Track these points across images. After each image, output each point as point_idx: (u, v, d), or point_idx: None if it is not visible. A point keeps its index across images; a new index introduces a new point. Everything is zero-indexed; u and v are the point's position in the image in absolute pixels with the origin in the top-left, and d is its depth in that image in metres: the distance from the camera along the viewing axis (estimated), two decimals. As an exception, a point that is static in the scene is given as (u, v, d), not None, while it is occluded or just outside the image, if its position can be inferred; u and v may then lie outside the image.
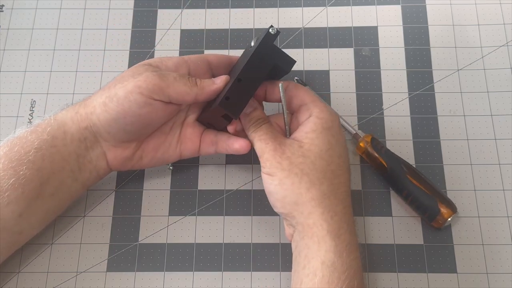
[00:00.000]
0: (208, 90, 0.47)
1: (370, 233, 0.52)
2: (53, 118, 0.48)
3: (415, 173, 0.51)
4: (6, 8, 0.63)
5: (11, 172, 0.45)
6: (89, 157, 0.48)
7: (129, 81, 0.45)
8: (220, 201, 0.54)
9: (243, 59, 0.48)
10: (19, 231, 0.47)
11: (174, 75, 0.46)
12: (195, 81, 0.47)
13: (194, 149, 0.51)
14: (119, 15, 0.62)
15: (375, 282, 0.50)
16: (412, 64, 0.58)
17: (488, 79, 0.57)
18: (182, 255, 0.52)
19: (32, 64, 0.60)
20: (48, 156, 0.46)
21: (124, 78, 0.46)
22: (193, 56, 0.50)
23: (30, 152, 0.45)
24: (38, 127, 0.47)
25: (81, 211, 0.54)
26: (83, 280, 0.51)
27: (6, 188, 0.44)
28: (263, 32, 0.47)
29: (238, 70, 0.47)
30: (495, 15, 0.60)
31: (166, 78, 0.46)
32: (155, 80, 0.45)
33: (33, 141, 0.46)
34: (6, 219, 0.45)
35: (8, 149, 0.46)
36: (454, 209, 0.50)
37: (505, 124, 0.55)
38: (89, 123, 0.47)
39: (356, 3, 0.61)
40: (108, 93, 0.46)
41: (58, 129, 0.47)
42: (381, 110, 0.57)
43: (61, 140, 0.47)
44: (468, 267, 0.51)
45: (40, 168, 0.46)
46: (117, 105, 0.45)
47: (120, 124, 0.46)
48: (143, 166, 0.51)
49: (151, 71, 0.46)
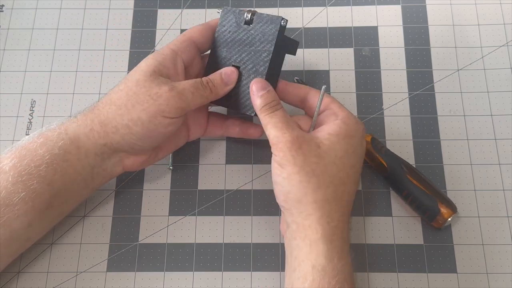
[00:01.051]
0: (223, 92, 0.49)
1: (370, 233, 0.52)
2: (64, 132, 0.47)
3: (415, 173, 0.51)
4: (6, 8, 0.63)
5: (21, 186, 0.44)
6: (105, 166, 0.48)
7: (150, 103, 0.45)
8: (220, 201, 0.54)
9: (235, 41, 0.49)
10: (26, 239, 0.47)
11: (191, 90, 0.47)
12: (209, 88, 0.48)
13: (201, 132, 0.53)
14: (119, 15, 0.62)
15: (375, 282, 0.50)
16: (412, 64, 0.58)
17: (488, 79, 0.57)
18: (182, 255, 0.52)
19: (32, 64, 0.60)
20: (60, 171, 0.46)
21: (141, 99, 0.45)
22: (179, 42, 0.49)
23: (41, 167, 0.45)
24: (48, 140, 0.46)
25: (81, 211, 0.54)
26: (83, 280, 0.51)
27: (16, 202, 0.44)
28: (272, 23, 0.48)
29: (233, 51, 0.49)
30: (495, 15, 0.60)
31: (185, 97, 0.46)
32: (177, 102, 0.46)
33: (43, 155, 0.45)
34: (16, 230, 0.45)
35: (17, 161, 0.45)
36: (454, 209, 0.50)
37: (505, 124, 0.55)
38: (110, 141, 0.47)
39: (356, 3, 0.61)
40: (130, 116, 0.46)
41: (71, 144, 0.46)
42: (381, 110, 0.57)
43: (75, 155, 0.46)
44: (468, 267, 0.51)
45: (51, 182, 0.45)
46: (142, 128, 0.46)
47: (145, 143, 0.48)
48: (157, 161, 0.52)
49: (168, 91, 0.45)
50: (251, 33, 0.49)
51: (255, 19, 0.49)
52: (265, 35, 0.48)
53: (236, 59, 0.49)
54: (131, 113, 0.45)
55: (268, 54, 0.48)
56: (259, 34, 0.48)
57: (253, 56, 0.48)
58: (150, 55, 0.48)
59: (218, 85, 0.48)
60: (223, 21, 0.50)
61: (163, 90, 0.45)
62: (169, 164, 0.55)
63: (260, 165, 0.55)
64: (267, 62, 0.48)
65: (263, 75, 0.48)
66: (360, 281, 0.50)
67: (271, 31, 0.48)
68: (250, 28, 0.49)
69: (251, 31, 0.49)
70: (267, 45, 0.48)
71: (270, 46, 0.48)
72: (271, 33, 0.48)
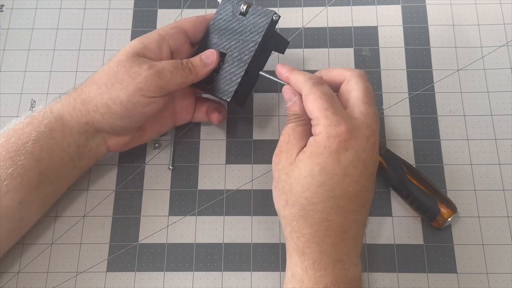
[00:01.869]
0: (202, 73, 0.49)
1: (370, 233, 0.52)
2: (49, 111, 0.48)
3: (415, 173, 0.51)
4: (6, 8, 0.63)
5: (9, 162, 0.45)
6: (89, 146, 0.49)
7: (129, 82, 0.46)
8: (220, 201, 0.54)
9: (227, 29, 0.50)
10: (19, 218, 0.47)
11: (170, 69, 0.47)
12: (188, 68, 0.48)
13: (188, 117, 0.54)
14: (119, 15, 0.62)
15: (375, 282, 0.50)
16: (412, 64, 0.58)
17: (488, 79, 0.57)
18: (182, 255, 0.52)
19: (32, 64, 0.60)
20: (47, 148, 0.47)
21: (120, 78, 0.46)
22: (169, 28, 0.50)
23: (28, 143, 0.46)
24: (33, 119, 0.47)
25: (81, 211, 0.54)
26: (83, 280, 0.51)
27: (4, 177, 0.45)
28: (264, 16, 0.49)
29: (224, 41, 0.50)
30: (495, 15, 0.60)
31: (164, 76, 0.47)
32: (155, 81, 0.46)
33: (30, 132, 0.46)
34: (6, 206, 0.45)
35: (5, 140, 0.46)
36: (454, 209, 0.50)
37: (505, 124, 0.55)
38: (91, 119, 0.48)
39: (356, 3, 0.61)
40: (109, 95, 0.47)
41: (56, 122, 0.47)
42: (381, 110, 0.57)
43: (60, 132, 0.47)
44: (468, 267, 0.51)
45: (39, 159, 0.46)
46: (121, 107, 0.47)
47: (125, 122, 0.48)
48: (141, 143, 0.53)
49: (147, 69, 0.46)
50: (243, 23, 0.50)
51: (250, 11, 0.50)
52: (255, 26, 0.49)
53: (225, 46, 0.50)
54: (111, 91, 0.46)
55: (254, 45, 0.49)
56: (250, 25, 0.49)
57: (241, 44, 0.49)
58: (137, 38, 0.49)
59: (197, 66, 0.49)
60: (220, 10, 0.51)
61: (142, 69, 0.46)
62: (169, 164, 0.55)
63: (260, 165, 0.55)
64: (252, 52, 0.49)
65: (246, 63, 0.49)
66: (360, 281, 0.50)
67: (262, 23, 0.49)
68: (243, 19, 0.50)
69: (243, 22, 0.50)
70: (255, 36, 0.49)
71: (258, 37, 0.49)
72: (261, 25, 0.49)
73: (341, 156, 0.42)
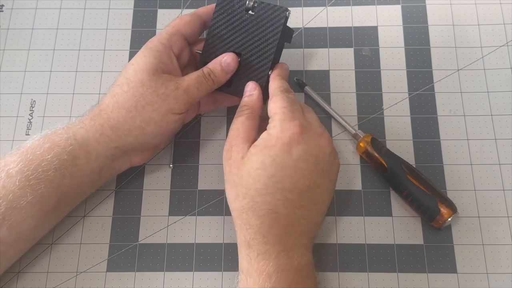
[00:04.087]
0: (224, 80, 0.50)
1: (370, 233, 0.52)
2: (72, 137, 0.47)
3: (415, 173, 0.51)
4: (6, 8, 0.63)
5: (29, 190, 0.44)
6: (113, 166, 0.49)
7: (160, 104, 0.47)
8: (220, 201, 0.54)
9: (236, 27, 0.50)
10: (32, 239, 0.48)
11: (196, 86, 0.48)
12: (211, 79, 0.49)
13: (195, 113, 0.55)
14: (119, 15, 0.62)
15: (375, 282, 0.50)
16: (412, 64, 0.58)
17: (488, 79, 0.57)
18: (182, 255, 0.52)
19: (32, 64, 0.60)
20: (69, 175, 0.46)
21: (150, 100, 0.47)
22: (168, 36, 0.50)
23: (50, 171, 0.45)
24: (56, 145, 0.46)
25: (81, 211, 0.54)
26: (83, 280, 0.51)
27: (23, 205, 0.44)
28: (277, 12, 0.49)
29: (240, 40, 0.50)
30: (495, 15, 0.60)
31: (191, 93, 0.48)
32: (184, 99, 0.48)
33: (51, 160, 0.45)
34: (22, 231, 0.45)
35: (24, 166, 0.45)
36: (454, 209, 0.50)
37: (505, 124, 0.55)
38: (122, 143, 0.48)
39: (356, 3, 0.61)
40: (141, 117, 0.47)
41: (80, 149, 0.46)
42: (381, 110, 0.57)
43: (84, 159, 0.47)
44: (468, 267, 0.51)
45: (59, 186, 0.46)
46: (155, 127, 0.48)
47: (158, 140, 0.50)
48: (159, 151, 0.55)
49: (175, 89, 0.47)
50: (255, 21, 0.50)
51: (257, 7, 0.50)
52: (270, 24, 0.50)
53: (237, 45, 0.50)
54: (143, 114, 0.47)
55: (274, 44, 0.49)
56: (264, 23, 0.50)
57: (258, 44, 0.50)
58: (144, 51, 0.49)
59: (219, 75, 0.50)
60: (221, 6, 0.51)
61: (170, 89, 0.47)
62: (169, 163, 0.55)
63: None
64: (273, 49, 0.50)
65: (269, 61, 0.50)
66: (360, 281, 0.50)
67: (277, 21, 0.49)
68: (253, 16, 0.50)
69: (254, 19, 0.50)
70: (272, 35, 0.50)
71: (275, 36, 0.49)
72: (277, 24, 0.49)
73: (293, 149, 0.44)
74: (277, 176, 0.44)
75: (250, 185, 0.44)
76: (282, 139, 0.44)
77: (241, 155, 0.45)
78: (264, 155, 0.44)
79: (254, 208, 0.44)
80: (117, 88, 0.48)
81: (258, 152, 0.44)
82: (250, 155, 0.45)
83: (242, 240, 0.44)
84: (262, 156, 0.44)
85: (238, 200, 0.44)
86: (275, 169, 0.43)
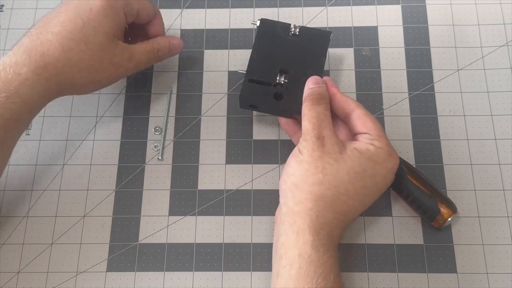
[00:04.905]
0: (164, 58, 0.55)
1: (370, 233, 0.52)
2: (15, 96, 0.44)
3: (415, 173, 0.51)
4: (6, 8, 0.63)
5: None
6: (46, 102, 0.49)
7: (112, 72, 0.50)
8: (220, 201, 0.54)
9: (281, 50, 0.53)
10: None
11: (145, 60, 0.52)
12: (158, 56, 0.53)
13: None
14: (119, 15, 0.62)
15: (375, 282, 0.50)
16: (412, 64, 0.58)
17: (488, 79, 0.57)
18: (182, 255, 0.52)
19: (32, 64, 0.60)
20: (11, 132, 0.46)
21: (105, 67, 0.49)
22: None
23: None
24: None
25: (81, 211, 0.54)
26: (83, 280, 0.51)
27: None
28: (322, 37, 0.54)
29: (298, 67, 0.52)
30: (495, 15, 0.60)
31: (140, 65, 0.52)
32: (133, 70, 0.52)
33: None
34: None
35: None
36: (454, 209, 0.50)
37: (505, 124, 0.55)
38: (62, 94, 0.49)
39: (356, 3, 0.61)
40: (91, 78, 0.49)
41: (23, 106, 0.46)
42: (381, 110, 0.57)
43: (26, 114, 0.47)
44: (468, 267, 0.51)
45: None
46: (100, 85, 0.51)
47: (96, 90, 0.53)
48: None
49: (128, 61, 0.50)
50: (300, 43, 0.53)
51: (300, 32, 0.53)
52: (316, 45, 0.53)
53: (284, 64, 0.52)
54: (94, 77, 0.49)
55: (321, 67, 0.52)
56: (309, 44, 0.53)
57: (305, 63, 0.52)
58: (105, 10, 0.47)
59: (165, 54, 0.54)
60: (264, 29, 0.54)
61: (124, 59, 0.50)
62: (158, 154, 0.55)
63: (260, 165, 0.55)
64: (322, 70, 0.52)
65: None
66: (360, 281, 0.50)
67: (323, 43, 0.53)
68: (298, 38, 0.53)
69: (299, 42, 0.53)
70: (319, 54, 0.53)
71: (323, 57, 0.53)
72: (323, 45, 0.53)
73: (388, 177, 0.47)
74: (369, 189, 0.46)
75: (343, 181, 0.44)
76: (387, 162, 0.47)
77: (339, 150, 0.45)
78: (368, 165, 0.45)
79: (334, 202, 0.44)
80: (71, 42, 0.46)
81: (362, 159, 0.45)
82: (353, 155, 0.45)
83: (309, 225, 0.43)
84: (366, 165, 0.45)
85: (320, 186, 0.44)
86: (370, 181, 0.46)
